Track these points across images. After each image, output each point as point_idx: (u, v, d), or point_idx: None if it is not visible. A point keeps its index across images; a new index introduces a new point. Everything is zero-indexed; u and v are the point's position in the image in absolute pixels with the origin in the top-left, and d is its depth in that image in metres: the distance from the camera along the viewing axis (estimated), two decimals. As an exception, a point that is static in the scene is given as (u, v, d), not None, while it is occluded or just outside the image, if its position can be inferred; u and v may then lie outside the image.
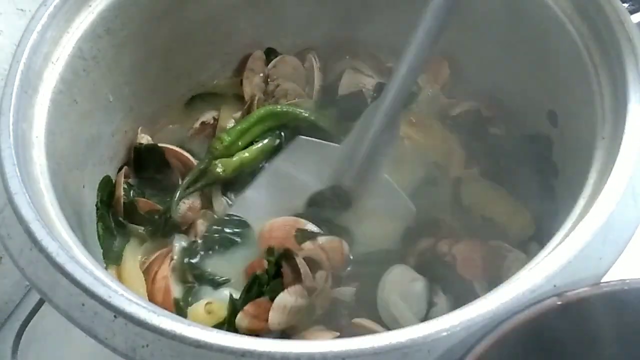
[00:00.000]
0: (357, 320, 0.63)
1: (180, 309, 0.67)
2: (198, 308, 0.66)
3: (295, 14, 0.82)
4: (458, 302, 0.62)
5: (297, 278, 0.63)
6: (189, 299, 0.68)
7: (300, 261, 0.63)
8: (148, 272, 0.69)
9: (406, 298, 0.64)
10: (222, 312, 0.65)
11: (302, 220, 0.70)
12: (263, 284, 0.64)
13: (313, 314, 0.64)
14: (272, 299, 0.61)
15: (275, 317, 0.60)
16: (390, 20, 0.80)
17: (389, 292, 0.64)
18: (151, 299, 0.67)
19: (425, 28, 0.61)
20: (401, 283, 0.65)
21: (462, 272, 0.64)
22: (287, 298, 0.61)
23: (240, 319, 0.61)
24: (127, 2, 0.68)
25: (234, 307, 0.64)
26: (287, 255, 0.64)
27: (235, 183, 0.75)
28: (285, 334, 0.62)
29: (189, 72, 0.82)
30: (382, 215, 0.72)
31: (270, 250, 0.67)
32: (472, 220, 0.71)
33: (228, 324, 0.63)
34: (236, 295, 0.65)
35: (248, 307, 0.62)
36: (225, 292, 0.67)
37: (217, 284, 0.69)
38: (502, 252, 0.66)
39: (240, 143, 0.76)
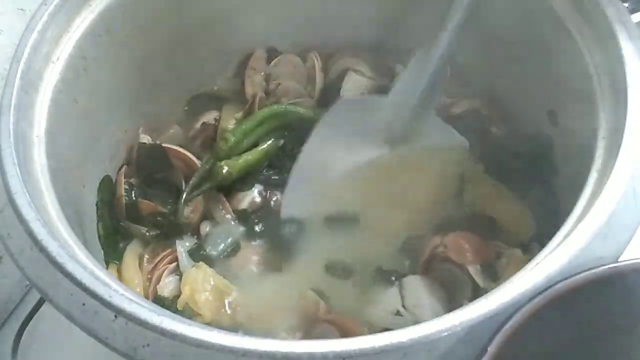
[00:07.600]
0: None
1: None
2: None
3: (296, 13, 0.82)
4: (452, 288, 0.64)
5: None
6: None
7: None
8: (151, 273, 0.69)
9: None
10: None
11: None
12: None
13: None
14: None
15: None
16: (391, 20, 0.80)
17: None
18: (152, 299, 0.67)
19: None
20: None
21: (455, 258, 0.64)
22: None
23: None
24: (127, 1, 0.68)
25: None
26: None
27: (236, 186, 0.75)
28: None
29: (189, 72, 0.82)
30: (438, 150, 0.74)
31: None
32: (473, 217, 0.71)
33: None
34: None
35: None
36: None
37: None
38: (497, 248, 0.66)
39: (244, 143, 0.75)
